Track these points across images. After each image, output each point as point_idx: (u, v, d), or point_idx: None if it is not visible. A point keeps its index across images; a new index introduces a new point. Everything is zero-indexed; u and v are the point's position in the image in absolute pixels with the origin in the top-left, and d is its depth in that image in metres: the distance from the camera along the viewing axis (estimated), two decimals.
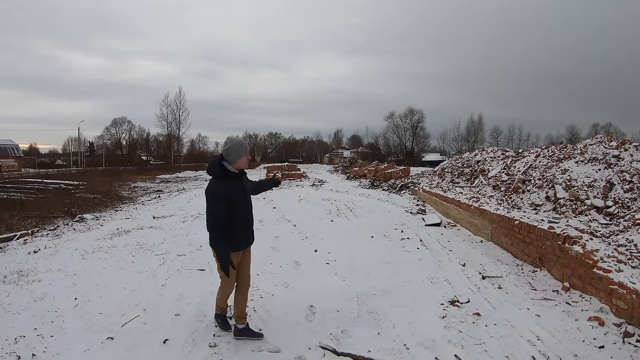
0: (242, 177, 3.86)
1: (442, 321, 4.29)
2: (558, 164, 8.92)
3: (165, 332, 4.04)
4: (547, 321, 4.26)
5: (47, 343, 3.89)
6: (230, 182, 3.71)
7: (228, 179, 3.70)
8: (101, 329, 4.15)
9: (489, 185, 11.26)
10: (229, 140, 3.79)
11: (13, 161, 58.27)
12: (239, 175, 3.80)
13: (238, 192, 3.74)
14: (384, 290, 5.15)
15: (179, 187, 24.34)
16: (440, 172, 16.73)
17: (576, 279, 4.99)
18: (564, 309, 4.55)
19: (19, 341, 3.93)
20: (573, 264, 5.07)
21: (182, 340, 3.86)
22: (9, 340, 3.95)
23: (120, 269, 6.26)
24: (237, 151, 3.72)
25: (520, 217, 6.77)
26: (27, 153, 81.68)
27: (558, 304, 4.69)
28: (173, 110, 74.04)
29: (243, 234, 3.85)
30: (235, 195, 3.70)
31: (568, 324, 4.19)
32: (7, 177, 26.61)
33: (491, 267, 6.22)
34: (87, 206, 13.87)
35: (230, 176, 3.72)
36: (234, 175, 3.74)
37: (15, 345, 3.85)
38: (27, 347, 3.82)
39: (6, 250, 7.84)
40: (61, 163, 77.23)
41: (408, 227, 9.35)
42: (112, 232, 9.31)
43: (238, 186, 3.76)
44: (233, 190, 3.69)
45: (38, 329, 4.19)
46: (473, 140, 78.87)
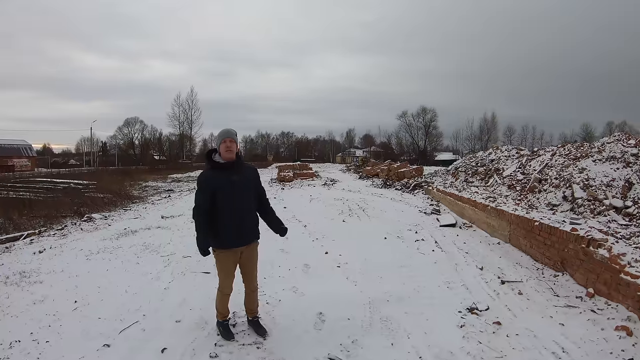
0: (237, 169, 3.64)
1: (460, 331, 3.98)
2: (575, 162, 8.62)
3: (165, 340, 3.80)
4: (572, 330, 3.92)
5: (42, 349, 3.72)
6: (219, 173, 3.57)
7: (218, 170, 3.58)
8: (98, 335, 3.95)
9: (504, 184, 10.95)
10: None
11: (26, 161, 58.93)
12: (230, 167, 3.59)
13: (226, 183, 3.53)
14: (398, 296, 4.84)
15: (190, 187, 24.29)
16: (454, 171, 16.41)
17: (601, 285, 4.64)
18: (589, 317, 4.20)
19: (14, 346, 3.78)
20: (598, 269, 4.72)
21: (181, 350, 3.62)
22: (4, 344, 3.80)
23: (124, 271, 6.09)
24: (217, 139, 3.66)
25: (540, 218, 6.41)
26: (41, 153, 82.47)
27: (582, 311, 4.35)
28: (185, 110, 74.39)
29: (231, 230, 3.57)
30: (222, 187, 3.52)
31: (594, 333, 3.86)
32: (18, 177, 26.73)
33: (510, 270, 5.87)
34: (97, 206, 13.80)
35: (218, 167, 3.59)
36: (223, 165, 3.58)
37: (10, 351, 3.70)
38: (21, 352, 3.67)
39: (12, 250, 7.76)
40: (74, 163, 78.12)
41: (422, 227, 9.03)
42: (119, 232, 9.18)
43: (227, 177, 3.55)
44: (219, 181, 3.52)
45: (34, 333, 4.03)
46: (486, 139, 77.85)
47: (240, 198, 3.60)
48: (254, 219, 3.78)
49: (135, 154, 76.69)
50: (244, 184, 3.65)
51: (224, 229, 3.56)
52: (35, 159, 63.13)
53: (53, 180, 19.82)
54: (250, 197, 3.73)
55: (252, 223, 3.77)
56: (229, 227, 3.56)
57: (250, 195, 3.73)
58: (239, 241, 3.65)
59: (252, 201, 3.77)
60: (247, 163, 3.89)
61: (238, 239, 3.64)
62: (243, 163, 3.75)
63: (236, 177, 3.58)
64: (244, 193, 3.64)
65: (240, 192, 3.61)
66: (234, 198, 3.56)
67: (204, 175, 3.62)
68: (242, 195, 3.62)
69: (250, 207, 3.74)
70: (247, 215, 3.69)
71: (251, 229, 3.75)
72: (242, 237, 3.67)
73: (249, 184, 3.72)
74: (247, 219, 3.69)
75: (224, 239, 3.59)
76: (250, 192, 3.73)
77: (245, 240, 3.70)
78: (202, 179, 3.61)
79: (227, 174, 3.55)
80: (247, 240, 3.72)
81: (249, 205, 3.72)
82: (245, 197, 3.66)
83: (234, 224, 3.58)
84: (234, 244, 3.63)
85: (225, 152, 3.56)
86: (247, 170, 3.78)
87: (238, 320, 4.15)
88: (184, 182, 29.56)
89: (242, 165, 3.72)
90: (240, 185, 3.61)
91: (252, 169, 3.87)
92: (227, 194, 3.53)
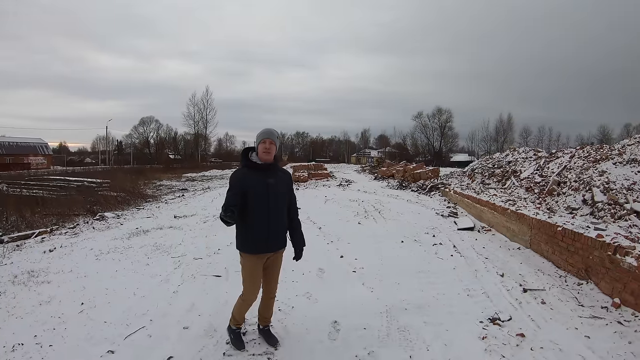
0: (272, 172, 3.43)
1: (482, 343, 3.73)
2: (595, 165, 8.32)
3: (171, 347, 3.62)
4: (598, 344, 3.66)
5: (45, 353, 3.59)
6: (254, 172, 3.36)
7: (253, 170, 3.38)
8: (103, 340, 3.79)
9: (521, 187, 10.65)
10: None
11: (42, 159, 60.10)
12: (267, 168, 3.40)
13: (261, 184, 3.32)
14: (416, 304, 4.59)
15: (204, 186, 24.30)
16: (470, 172, 16.07)
17: (628, 295, 4.36)
18: (616, 329, 3.94)
19: (17, 349, 3.66)
20: (625, 278, 4.43)
21: (188, 359, 3.43)
22: (7, 347, 3.68)
23: (133, 272, 5.94)
24: (256, 140, 3.45)
25: (563, 224, 6.11)
26: (57, 151, 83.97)
27: (609, 323, 4.08)
28: (200, 109, 74.79)
29: (261, 234, 3.35)
30: (256, 188, 3.31)
31: (621, 347, 3.61)
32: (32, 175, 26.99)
33: (532, 278, 5.59)
34: (110, 204, 13.74)
35: (254, 166, 3.39)
36: (259, 166, 3.38)
37: (12, 354, 3.58)
38: (23, 356, 3.55)
39: (22, 249, 7.68)
40: (90, 161, 79.20)
41: (440, 231, 8.75)
42: (131, 232, 9.07)
43: (262, 178, 3.35)
44: (254, 182, 3.32)
45: (38, 336, 3.90)
46: (502, 141, 77.07)
47: (274, 201, 3.38)
48: (285, 225, 3.58)
49: (151, 153, 77.54)
50: (279, 187, 3.45)
51: (255, 232, 3.35)
52: (51, 157, 64.29)
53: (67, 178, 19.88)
54: (284, 202, 3.52)
55: (284, 229, 3.57)
56: (261, 231, 3.36)
57: (284, 199, 3.52)
58: (269, 246, 3.44)
59: (284, 207, 3.54)
60: (282, 167, 3.68)
61: (269, 244, 3.43)
62: (278, 167, 3.56)
63: (272, 180, 3.38)
64: (278, 197, 3.43)
65: (275, 195, 3.39)
66: (268, 201, 3.34)
67: (237, 173, 3.41)
68: (276, 199, 3.40)
69: (283, 212, 3.53)
70: (280, 220, 3.49)
71: (282, 234, 3.54)
72: (273, 242, 3.46)
73: (283, 188, 3.51)
74: (280, 224, 3.49)
75: (255, 243, 3.37)
76: (284, 196, 3.52)
77: (275, 245, 3.49)
78: (234, 176, 3.38)
79: (262, 175, 3.36)
80: (278, 246, 3.51)
81: (282, 210, 3.51)
82: (279, 201, 3.45)
83: (266, 228, 3.37)
84: (265, 249, 3.42)
85: (263, 154, 3.38)
86: (283, 174, 3.58)
87: (248, 328, 3.95)
88: (198, 182, 29.59)
89: (278, 169, 3.54)
90: (276, 188, 3.40)
91: (287, 174, 3.66)
92: (261, 195, 3.32)
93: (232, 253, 6.75)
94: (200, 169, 48.99)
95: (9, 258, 6.90)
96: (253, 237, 3.35)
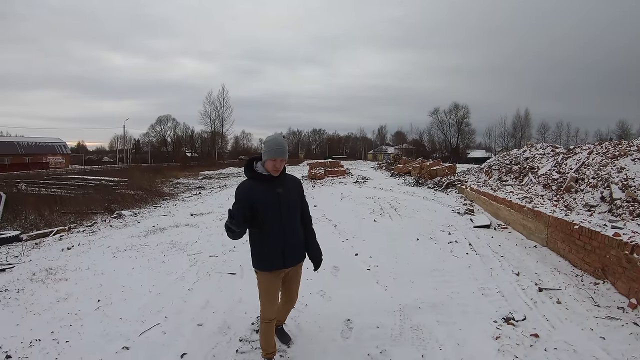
0: (280, 181, 3.14)
1: (495, 343, 3.66)
2: (613, 161, 8.11)
3: (185, 344, 3.65)
4: (614, 345, 3.57)
5: (61, 349, 3.67)
6: (260, 184, 3.07)
7: (258, 180, 3.08)
8: (118, 337, 3.85)
9: (539, 183, 10.43)
10: (267, 137, 3.18)
11: (60, 158, 61.33)
12: (273, 179, 3.10)
13: (270, 195, 3.05)
14: (430, 303, 4.54)
15: (220, 184, 24.46)
16: (487, 169, 15.84)
17: None
18: (632, 330, 3.83)
19: (34, 345, 3.74)
20: None
21: (201, 356, 3.45)
22: (24, 343, 3.78)
23: (150, 270, 6.01)
24: (265, 152, 3.08)
25: (580, 222, 5.97)
26: (75, 150, 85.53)
27: (625, 324, 3.97)
28: (216, 107, 75.21)
29: (277, 249, 3.10)
30: (266, 199, 3.03)
31: (637, 348, 3.50)
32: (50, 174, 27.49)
33: (548, 277, 5.47)
34: (127, 202, 13.94)
35: (260, 177, 3.09)
36: (266, 177, 3.09)
37: (29, 350, 3.66)
38: (40, 352, 3.62)
39: (41, 247, 7.84)
40: (108, 160, 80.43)
41: (455, 228, 8.65)
42: (148, 230, 9.17)
43: (271, 189, 3.07)
44: (262, 193, 3.04)
45: (55, 332, 3.99)
46: (520, 137, 75.80)
47: (287, 211, 3.12)
48: (301, 236, 3.30)
49: (168, 151, 78.33)
50: (290, 196, 3.18)
51: (270, 247, 3.09)
52: (69, 156, 65.45)
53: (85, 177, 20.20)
54: (297, 211, 3.26)
55: (301, 240, 3.29)
56: (276, 245, 3.10)
57: (297, 209, 3.25)
58: (287, 261, 3.17)
59: (297, 218, 3.28)
60: (289, 174, 3.37)
61: (286, 259, 3.16)
62: (287, 174, 3.27)
63: (281, 189, 3.11)
64: (290, 206, 3.16)
65: (287, 204, 3.12)
66: (280, 211, 3.08)
67: (243, 185, 3.10)
68: (288, 210, 3.13)
69: (297, 223, 3.26)
70: (296, 231, 3.23)
71: (300, 246, 3.28)
72: (291, 256, 3.19)
73: (295, 196, 3.24)
74: (296, 236, 3.23)
75: (272, 259, 3.12)
76: (296, 205, 3.25)
77: (294, 259, 3.23)
78: (240, 189, 3.08)
79: (270, 185, 3.07)
80: (296, 259, 3.26)
81: (296, 220, 3.25)
82: (292, 212, 3.18)
83: (282, 241, 3.11)
84: (282, 265, 3.15)
85: (272, 171, 3.07)
86: (291, 181, 3.30)
87: None
88: (215, 179, 29.83)
89: (286, 177, 3.25)
90: (287, 197, 3.13)
91: (296, 180, 3.37)
92: (272, 206, 3.05)
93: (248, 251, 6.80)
94: (217, 166, 49.36)
95: (28, 256, 7.05)
96: (269, 252, 3.10)
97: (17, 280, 5.65)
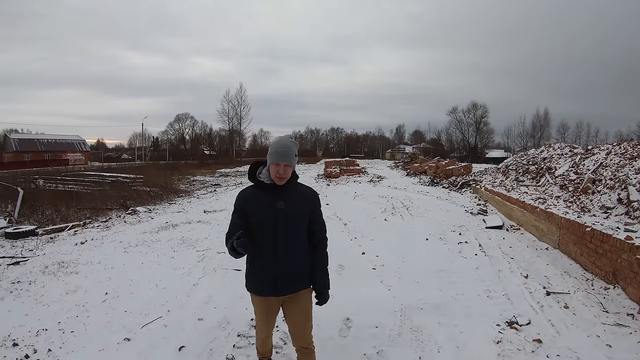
0: (285, 192, 2.59)
1: (496, 347, 3.58)
2: (631, 162, 7.91)
3: (184, 337, 3.71)
4: (619, 354, 3.44)
5: (66, 339, 3.77)
6: (261, 193, 2.59)
7: (259, 189, 2.61)
8: (121, 329, 3.95)
9: (555, 184, 10.24)
10: (273, 140, 2.75)
11: (80, 155, 62.93)
12: (276, 189, 2.57)
13: (266, 209, 2.54)
14: (433, 304, 4.49)
15: (237, 181, 24.64)
16: (504, 169, 15.62)
17: None
18: None
19: (40, 334, 3.86)
20: None
21: (199, 349, 3.50)
22: (32, 332, 3.89)
23: (158, 265, 6.12)
24: (268, 154, 2.59)
25: (592, 224, 5.83)
26: (95, 148, 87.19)
27: (633, 332, 3.83)
28: (234, 105, 75.73)
29: (267, 273, 2.59)
30: (260, 213, 2.54)
31: None
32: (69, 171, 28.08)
33: (557, 280, 5.35)
34: (142, 199, 14.14)
35: (259, 185, 2.62)
36: (266, 186, 2.59)
37: (36, 338, 3.78)
38: (46, 341, 3.74)
39: (56, 241, 8.01)
40: (126, 157, 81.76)
41: (467, 229, 8.55)
42: (161, 226, 9.31)
43: (270, 202, 2.54)
44: (258, 204, 2.56)
45: (62, 322, 4.10)
46: (539, 137, 74.29)
47: (283, 233, 2.55)
48: (301, 264, 2.67)
49: (186, 149, 79.17)
50: (293, 214, 2.58)
51: (259, 269, 2.62)
52: (88, 153, 66.97)
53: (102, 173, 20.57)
54: (299, 233, 2.64)
55: (298, 268, 2.66)
56: (266, 269, 2.59)
57: (299, 230, 2.64)
58: (279, 288, 2.61)
59: (301, 239, 2.66)
60: (304, 185, 2.78)
61: (278, 286, 2.60)
62: (298, 185, 2.71)
63: (282, 203, 2.54)
64: (289, 224, 2.57)
65: (285, 222, 2.55)
66: (275, 229, 2.53)
67: (242, 193, 2.66)
68: (285, 229, 2.56)
69: (297, 246, 2.63)
70: (293, 254, 2.61)
71: (295, 276, 2.65)
72: (284, 283, 2.62)
73: (300, 215, 2.63)
74: (294, 264, 2.63)
75: (255, 283, 2.67)
76: (299, 225, 2.64)
77: (288, 287, 2.64)
78: (239, 197, 2.65)
79: (270, 196, 2.55)
80: (291, 287, 2.65)
81: (296, 242, 2.63)
82: (291, 232, 2.59)
83: (272, 265, 2.57)
84: (272, 291, 2.62)
85: (275, 178, 2.55)
86: (300, 195, 2.68)
87: None
88: (232, 177, 30.09)
89: (296, 188, 2.67)
90: (288, 214, 2.56)
91: (307, 194, 2.72)
92: (266, 222, 2.54)
93: None
94: (234, 164, 49.68)
95: (42, 250, 7.22)
96: (257, 275, 2.63)
97: (29, 272, 5.80)
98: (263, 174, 2.62)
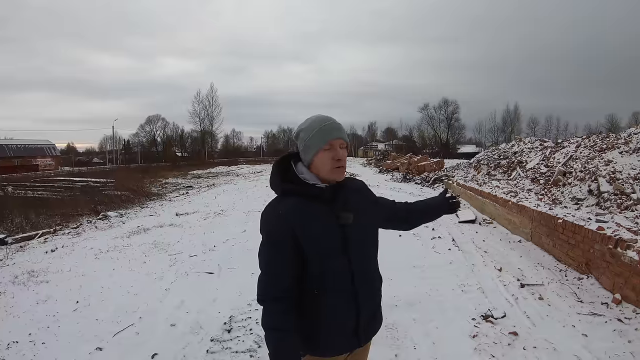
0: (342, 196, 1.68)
1: (472, 342, 3.62)
2: (601, 154, 8.23)
3: (156, 344, 3.66)
4: (596, 343, 3.52)
5: (37, 350, 3.67)
6: (309, 206, 1.60)
7: (305, 200, 1.60)
8: (93, 338, 3.85)
9: (527, 177, 10.55)
10: (301, 123, 1.75)
11: (50, 160, 60.85)
12: (333, 192, 1.65)
13: (330, 229, 1.61)
14: (407, 301, 4.53)
15: (209, 183, 24.46)
16: (476, 164, 15.97)
17: (629, 291, 4.22)
18: (615, 327, 3.79)
19: (11, 347, 3.75)
20: (626, 273, 4.28)
21: (172, 356, 3.46)
22: (2, 345, 3.78)
23: (130, 271, 6.00)
24: (309, 138, 1.65)
25: (564, 215, 6.01)
26: (65, 152, 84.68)
27: (608, 320, 3.94)
28: (205, 106, 75.18)
29: (346, 322, 1.65)
30: (321, 238, 1.59)
31: (620, 346, 3.46)
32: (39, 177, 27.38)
33: (531, 272, 5.49)
34: (114, 203, 13.92)
35: (308, 192, 1.61)
36: (316, 190, 1.62)
37: (7, 351, 3.67)
38: (17, 353, 3.63)
39: (25, 249, 7.83)
40: (98, 161, 79.95)
41: (440, 224, 8.67)
42: (132, 230, 9.16)
43: (329, 215, 1.62)
44: (314, 222, 1.59)
45: (32, 334, 3.98)
46: (509, 131, 76.19)
47: (359, 253, 1.68)
48: (379, 288, 1.85)
49: (158, 151, 77.89)
50: (364, 225, 1.73)
51: (334, 320, 1.64)
52: (59, 158, 64.92)
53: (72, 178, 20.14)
54: (373, 253, 1.81)
55: (379, 297, 1.85)
56: (345, 315, 1.64)
57: (373, 241, 1.81)
58: (361, 337, 1.71)
59: (375, 257, 1.83)
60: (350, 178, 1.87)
61: (360, 334, 1.70)
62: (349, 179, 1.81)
63: (349, 215, 1.63)
64: (365, 246, 1.73)
65: (360, 245, 1.69)
66: (349, 256, 1.63)
67: (279, 206, 1.63)
68: (362, 247, 1.71)
69: (376, 266, 1.83)
70: (373, 283, 1.79)
71: (378, 309, 1.85)
72: (366, 327, 1.74)
73: (368, 225, 1.78)
74: (373, 291, 1.79)
75: (336, 337, 1.66)
76: (371, 239, 1.79)
77: (371, 331, 1.79)
78: (274, 220, 1.60)
79: (326, 205, 1.62)
80: (370, 333, 1.79)
81: (374, 264, 1.82)
82: (367, 249, 1.75)
83: (354, 312, 1.66)
84: (354, 343, 1.71)
85: (332, 171, 1.64)
86: (355, 190, 1.79)
87: (234, 325, 3.97)
88: (204, 179, 29.84)
89: (347, 186, 1.73)
90: (358, 228, 1.68)
91: (360, 187, 1.86)
92: (335, 252, 1.61)
93: (227, 250, 6.85)
94: (206, 165, 49.28)
95: (12, 259, 7.01)
96: (331, 328, 1.63)
97: None
98: (305, 173, 1.66)
